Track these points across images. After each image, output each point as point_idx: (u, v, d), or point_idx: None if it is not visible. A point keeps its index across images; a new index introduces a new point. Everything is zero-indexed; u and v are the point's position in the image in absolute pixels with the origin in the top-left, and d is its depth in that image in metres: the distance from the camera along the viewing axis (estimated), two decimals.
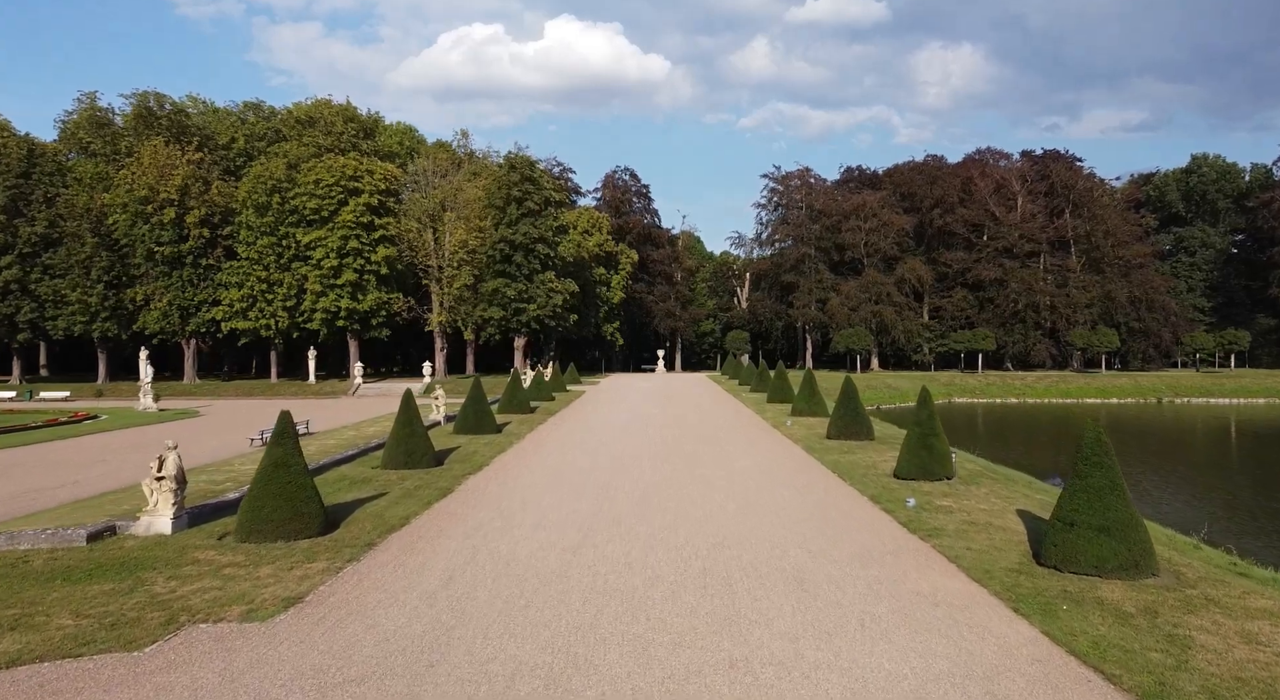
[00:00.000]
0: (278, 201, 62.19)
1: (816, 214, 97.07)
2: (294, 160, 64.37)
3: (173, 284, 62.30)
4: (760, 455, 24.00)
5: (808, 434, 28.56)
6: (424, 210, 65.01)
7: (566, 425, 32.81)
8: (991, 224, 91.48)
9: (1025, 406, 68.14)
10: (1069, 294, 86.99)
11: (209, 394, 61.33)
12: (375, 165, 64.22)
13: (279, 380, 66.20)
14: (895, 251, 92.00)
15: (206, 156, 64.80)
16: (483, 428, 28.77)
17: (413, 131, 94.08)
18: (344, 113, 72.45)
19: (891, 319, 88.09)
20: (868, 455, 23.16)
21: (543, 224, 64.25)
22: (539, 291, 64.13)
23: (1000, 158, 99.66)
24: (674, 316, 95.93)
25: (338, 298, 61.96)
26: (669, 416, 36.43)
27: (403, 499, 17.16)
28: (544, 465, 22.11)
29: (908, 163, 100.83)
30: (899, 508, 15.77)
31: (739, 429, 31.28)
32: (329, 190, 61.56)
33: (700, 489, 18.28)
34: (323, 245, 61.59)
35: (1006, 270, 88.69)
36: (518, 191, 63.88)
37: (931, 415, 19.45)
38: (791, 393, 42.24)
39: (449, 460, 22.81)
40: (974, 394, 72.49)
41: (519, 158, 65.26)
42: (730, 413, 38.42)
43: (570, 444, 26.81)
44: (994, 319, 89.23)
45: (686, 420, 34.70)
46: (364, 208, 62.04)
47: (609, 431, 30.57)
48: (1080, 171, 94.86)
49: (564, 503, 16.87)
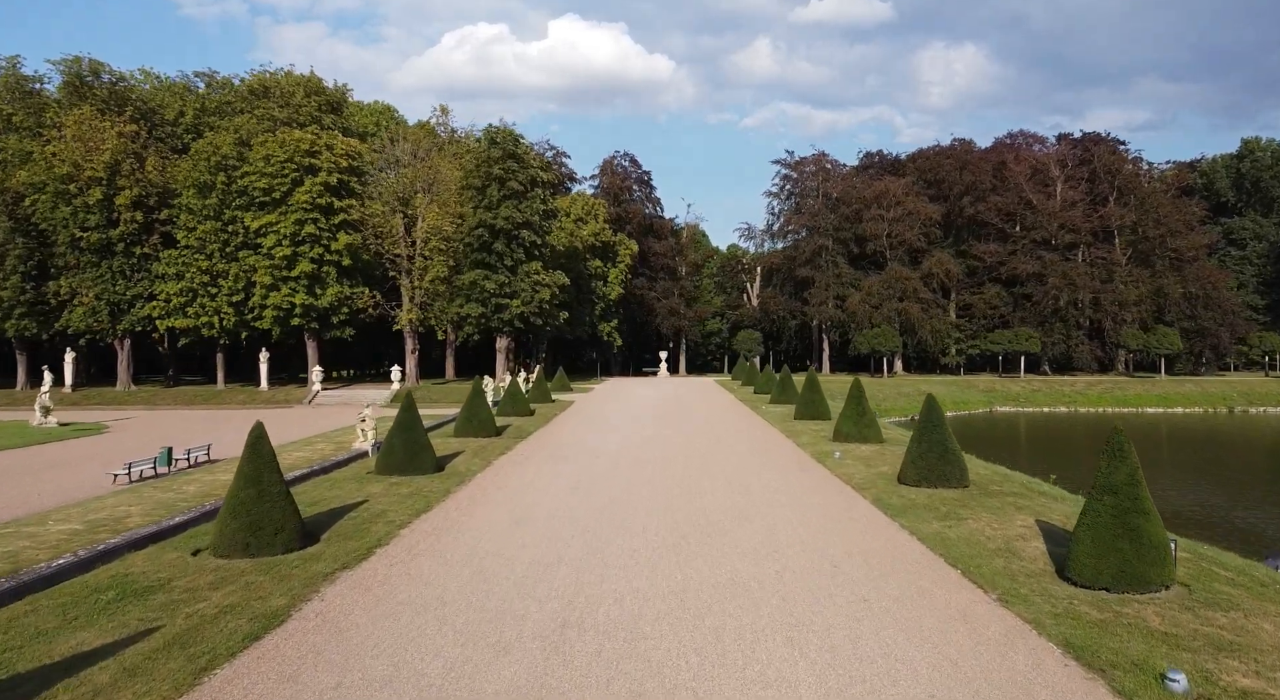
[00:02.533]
0: (223, 181, 54.03)
1: (834, 202, 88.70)
2: (245, 135, 56.22)
3: (101, 276, 54.07)
4: (823, 523, 15.72)
5: (869, 475, 20.31)
6: (393, 192, 56.76)
7: (537, 459, 24.55)
8: (1028, 213, 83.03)
9: (1079, 417, 59.77)
10: (1116, 289, 78.52)
11: (142, 403, 53.18)
12: (335, 139, 56.01)
13: (226, 387, 58.00)
14: (921, 243, 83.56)
15: (142, 129, 56.59)
16: (415, 465, 20.53)
17: (391, 112, 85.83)
18: (306, 84, 64.19)
19: (918, 317, 79.71)
20: (982, 520, 14.95)
21: (528, 207, 55.96)
22: (523, 285, 55.84)
23: (1034, 141, 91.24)
24: (678, 315, 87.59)
25: (291, 292, 53.77)
26: (674, 445, 28.12)
27: (134, 673, 8.74)
28: (477, 549, 13.84)
29: (933, 147, 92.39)
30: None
31: (774, 467, 22.99)
32: (281, 168, 53.38)
33: (739, 608, 10.05)
34: (274, 231, 53.40)
35: (1045, 263, 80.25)
36: (499, 170, 55.62)
37: (1135, 478, 11.14)
38: (825, 407, 34.03)
39: (331, 532, 14.54)
40: (1018, 402, 64.12)
41: (501, 131, 56.92)
42: (756, 436, 30.11)
43: (531, 499, 18.57)
44: (1031, 318, 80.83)
45: (696, 449, 26.41)
46: (321, 188, 53.83)
47: (594, 470, 22.31)
48: (1124, 156, 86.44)
49: (480, 670, 8.60)
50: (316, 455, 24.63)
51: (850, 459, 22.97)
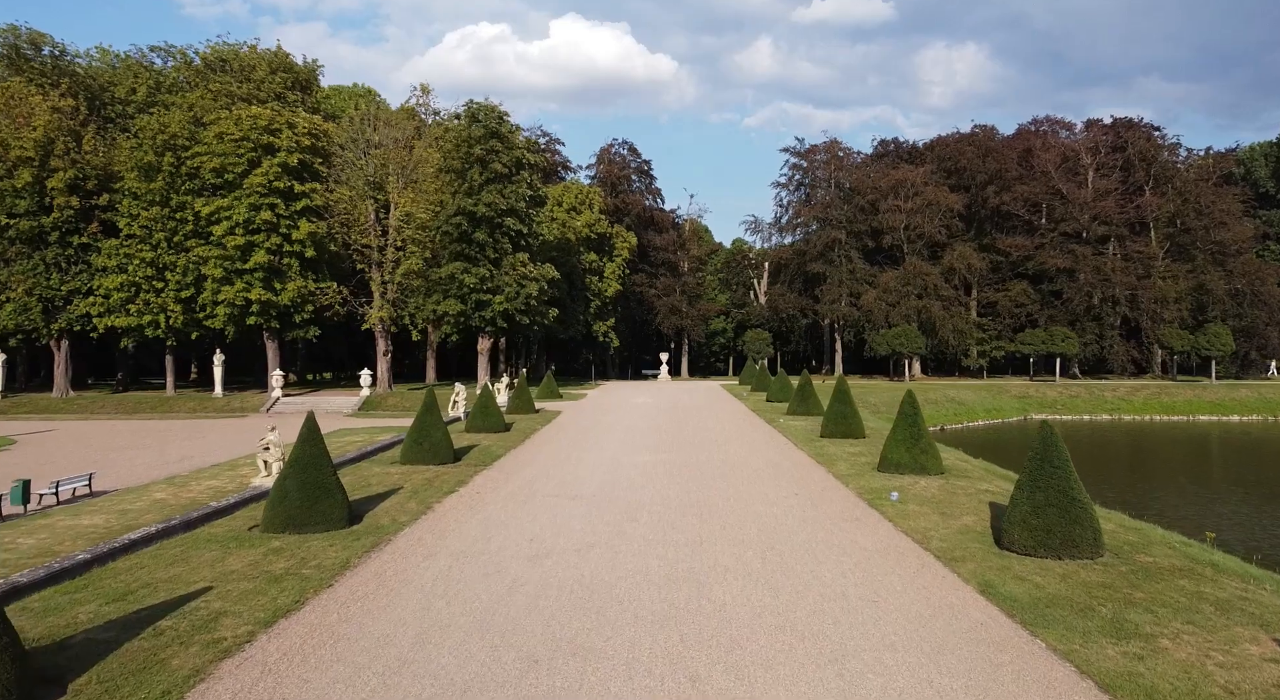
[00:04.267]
0: (170, 163, 48.10)
1: (848, 193, 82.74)
2: (199, 113, 50.33)
3: (33, 268, 48.16)
4: (919, 645, 9.78)
5: (949, 531, 14.38)
6: (363, 176, 50.81)
7: (491, 504, 18.63)
8: (1057, 203, 77.02)
9: (1124, 426, 53.78)
10: (1154, 285, 72.50)
11: (78, 411, 47.34)
12: (298, 116, 50.09)
13: (177, 393, 52.06)
14: (942, 236, 77.56)
15: (82, 104, 50.68)
16: (316, 517, 14.58)
17: (373, 95, 79.76)
18: (272, 60, 58.20)
19: (939, 316, 73.73)
20: (1186, 643, 8.96)
21: (513, 192, 50.00)
22: (507, 279, 49.86)
23: (1061, 127, 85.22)
24: (680, 313, 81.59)
25: (246, 287, 47.86)
26: (678, 483, 22.11)
27: None
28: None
29: (953, 134, 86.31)
30: None
31: (816, 517, 17.04)
32: (235, 146, 47.49)
33: None
34: (226, 218, 47.52)
35: (1077, 258, 74.25)
36: (480, 150, 49.65)
37: None
38: (858, 422, 28.11)
39: (89, 674, 8.66)
40: (1055, 409, 58.12)
41: (483, 107, 50.90)
42: (782, 466, 24.07)
43: (468, 586, 12.66)
44: (1061, 316, 74.83)
45: (708, 491, 20.47)
46: (280, 169, 47.89)
47: (568, 526, 16.40)
48: (1158, 142, 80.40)
49: None
50: (204, 493, 18.70)
51: (913, 502, 17.08)
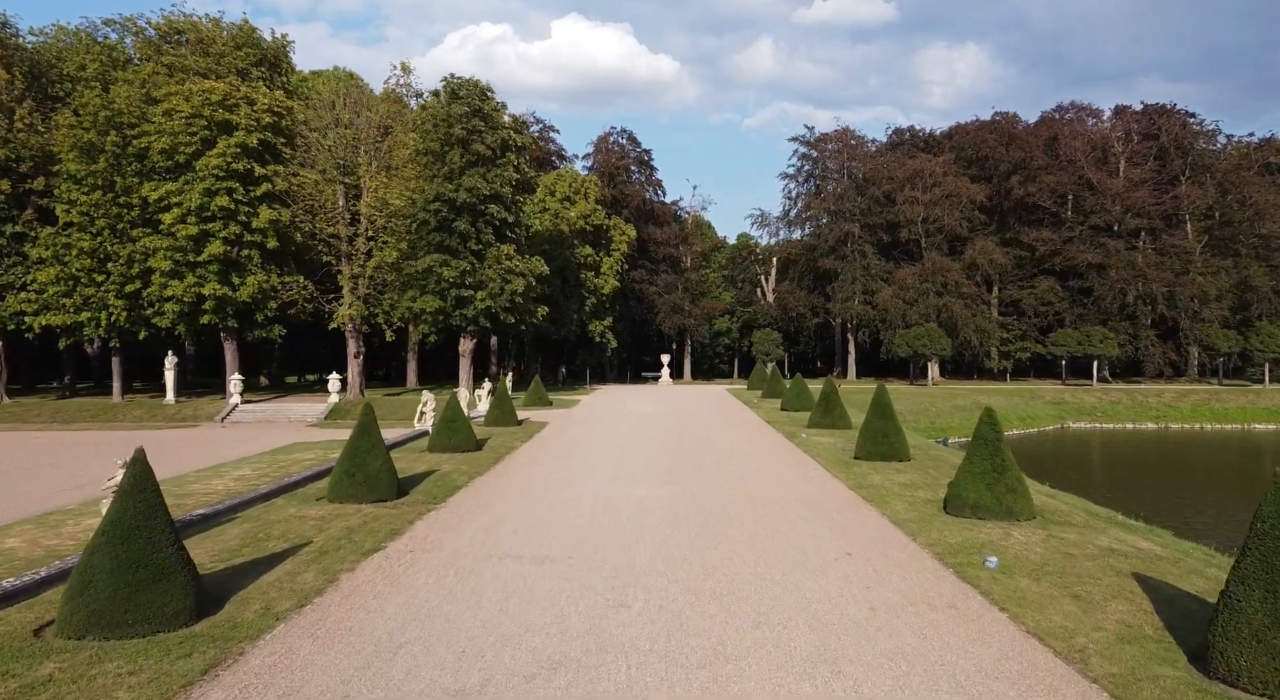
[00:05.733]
0: (115, 142, 43.23)
1: (861, 183, 77.76)
2: (150, 88, 45.42)
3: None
4: None
5: (1091, 625, 9.30)
6: (332, 158, 45.76)
7: (422, 574, 13.59)
8: (1087, 194, 72.03)
9: (1173, 436, 48.72)
10: (1193, 282, 67.44)
11: (11, 420, 42.40)
12: (258, 92, 45.11)
13: (125, 399, 47.04)
14: (963, 229, 72.61)
15: (17, 78, 45.73)
16: (140, 609, 9.49)
17: (355, 78, 74.60)
18: (236, 35, 53.11)
19: (961, 315, 68.79)
20: None
21: (498, 176, 44.97)
22: (491, 273, 44.83)
23: (1088, 115, 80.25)
24: (682, 312, 76.52)
25: (200, 281, 42.92)
26: (687, 536, 16.86)
27: None
28: None
29: (973, 121, 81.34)
30: None
31: (891, 607, 11.92)
32: (187, 124, 42.56)
33: None
34: (178, 204, 42.57)
35: (1109, 252, 69.23)
36: (461, 129, 44.65)
37: None
38: (902, 442, 23.02)
39: None
40: (1093, 416, 53.04)
41: (465, 82, 45.88)
42: (824, 508, 18.97)
43: None
44: (1091, 315, 69.82)
45: (727, 550, 15.34)
46: (239, 150, 42.97)
47: (525, 619, 11.34)
48: (1194, 129, 75.33)
49: None
50: (74, 540, 13.51)
51: (1020, 572, 11.96)
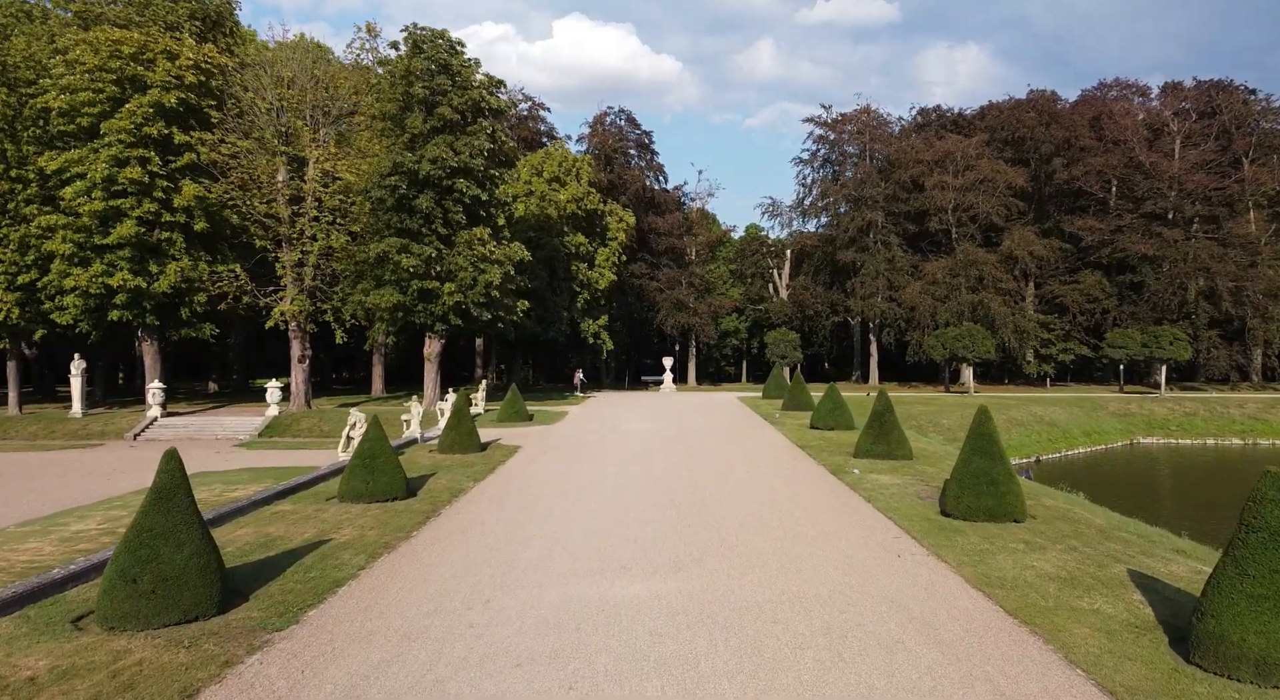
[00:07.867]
0: (9, 103, 36.01)
1: (885, 168, 70.34)
2: (55, 37, 38.18)
3: None
4: None
5: None
6: (272, 124, 38.41)
7: None
8: (1139, 179, 64.56)
9: (1261, 453, 41.23)
10: (1263, 275, 59.98)
11: None
12: (183, 45, 37.80)
13: (24, 411, 39.58)
14: (999, 218, 65.18)
15: None
16: None
17: (325, 51, 67.31)
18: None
19: (999, 313, 61.36)
20: None
21: (467, 145, 37.57)
22: (461, 261, 37.42)
23: (1135, 93, 72.76)
24: (686, 310, 69.07)
25: (108, 269, 35.59)
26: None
27: None
28: None
29: (1008, 100, 73.75)
30: None
31: None
32: (91, 79, 35.28)
33: None
34: (80, 176, 35.26)
35: (1165, 243, 61.79)
36: (423, 88, 37.25)
37: None
38: (1016, 493, 15.43)
39: None
40: (1167, 430, 45.56)
41: (428, 34, 38.54)
42: (950, 641, 11.46)
43: None
44: (1144, 313, 62.37)
45: None
46: (153, 111, 35.64)
47: None
48: (1256, 107, 67.85)
49: None
50: None
51: None
